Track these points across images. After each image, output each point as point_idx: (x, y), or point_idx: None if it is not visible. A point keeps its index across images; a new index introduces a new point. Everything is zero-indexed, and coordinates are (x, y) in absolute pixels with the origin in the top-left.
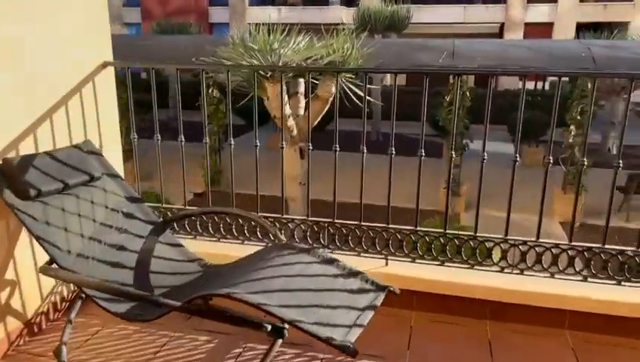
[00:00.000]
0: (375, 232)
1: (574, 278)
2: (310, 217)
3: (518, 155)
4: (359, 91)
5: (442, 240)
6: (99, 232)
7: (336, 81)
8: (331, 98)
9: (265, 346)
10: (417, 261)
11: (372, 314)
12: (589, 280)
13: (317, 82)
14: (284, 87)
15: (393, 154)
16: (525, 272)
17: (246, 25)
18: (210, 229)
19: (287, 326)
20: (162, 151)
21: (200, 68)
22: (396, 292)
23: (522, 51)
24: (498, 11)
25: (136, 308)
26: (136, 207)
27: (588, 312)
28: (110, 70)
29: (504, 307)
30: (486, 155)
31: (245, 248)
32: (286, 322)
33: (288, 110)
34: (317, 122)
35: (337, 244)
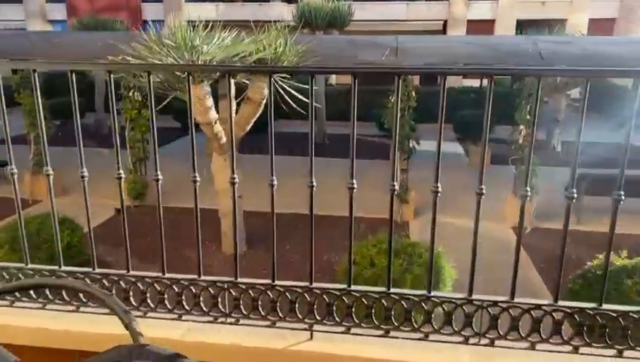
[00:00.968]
0: (294, 294)
1: (562, 349)
2: (204, 276)
3: (465, 154)
4: (296, 93)
5: (385, 302)
6: None
7: (269, 82)
8: (264, 100)
9: None
10: (353, 331)
11: None
12: (582, 351)
13: (248, 82)
14: (207, 89)
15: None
16: (497, 343)
17: (183, 22)
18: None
19: None
20: (88, 157)
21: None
22: None
23: (469, 48)
24: (441, 8)
25: None
26: None
27: None
28: None
29: None
30: (440, 188)
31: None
32: None
33: (214, 115)
34: (253, 125)
35: (243, 312)
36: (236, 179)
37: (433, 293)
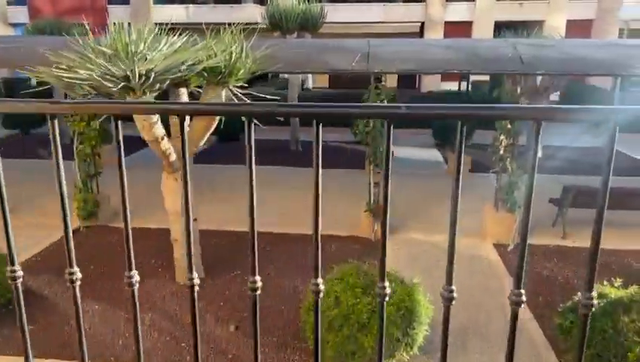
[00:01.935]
0: None
1: None
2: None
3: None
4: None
5: None
6: None
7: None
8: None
9: None
10: None
11: None
12: None
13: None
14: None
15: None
16: None
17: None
18: None
19: None
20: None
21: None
22: None
23: (445, 52)
24: (418, 10)
25: None
26: None
27: None
28: None
29: None
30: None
31: None
32: None
33: (160, 131)
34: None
35: None
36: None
37: None
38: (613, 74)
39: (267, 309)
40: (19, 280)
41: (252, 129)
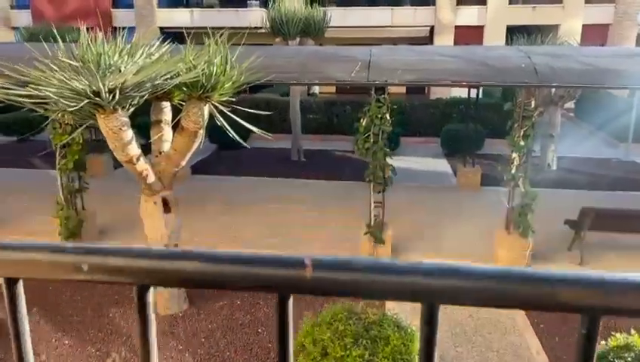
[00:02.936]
0: None
1: None
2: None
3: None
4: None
5: None
6: None
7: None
8: (202, 130)
9: None
10: None
11: None
12: None
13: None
14: (124, 119)
15: None
16: None
17: (155, 29)
18: None
19: None
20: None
21: None
22: None
23: (453, 61)
24: (427, 14)
25: None
26: None
27: None
28: None
29: None
30: None
31: None
32: None
33: (135, 150)
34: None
35: None
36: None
37: None
38: (633, 87)
39: (253, 344)
40: None
41: None
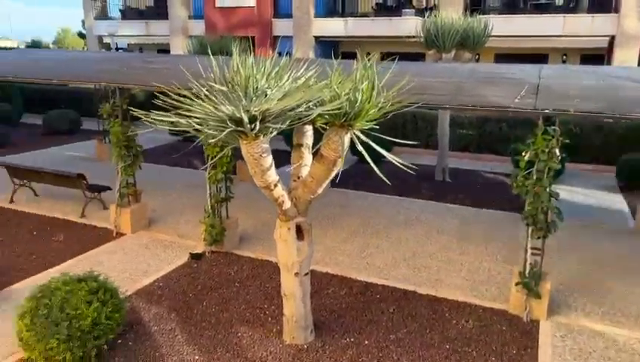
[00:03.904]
0: None
1: None
2: None
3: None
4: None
5: None
6: None
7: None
8: (340, 159)
9: None
10: None
11: None
12: None
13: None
14: (265, 146)
15: None
16: None
17: (311, 38)
18: None
19: None
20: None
21: None
22: None
23: None
24: (607, 22)
25: None
26: None
27: None
28: None
29: None
30: None
31: None
32: None
33: (273, 177)
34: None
35: None
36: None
37: None
38: None
39: None
40: None
41: None
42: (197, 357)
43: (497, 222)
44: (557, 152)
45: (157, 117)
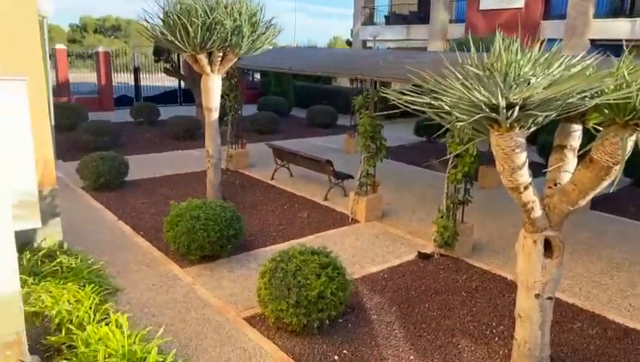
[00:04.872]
0: None
1: None
2: None
3: None
4: None
5: None
6: None
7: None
8: (619, 166)
9: None
10: None
11: None
12: None
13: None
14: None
15: None
16: None
17: (585, 42)
18: None
19: None
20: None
21: None
22: None
23: None
24: None
25: None
26: None
27: None
28: None
29: None
30: None
31: None
32: None
33: (526, 177)
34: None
35: None
36: None
37: None
38: None
39: None
40: None
41: None
42: (412, 358)
43: None
44: None
45: (409, 97)
